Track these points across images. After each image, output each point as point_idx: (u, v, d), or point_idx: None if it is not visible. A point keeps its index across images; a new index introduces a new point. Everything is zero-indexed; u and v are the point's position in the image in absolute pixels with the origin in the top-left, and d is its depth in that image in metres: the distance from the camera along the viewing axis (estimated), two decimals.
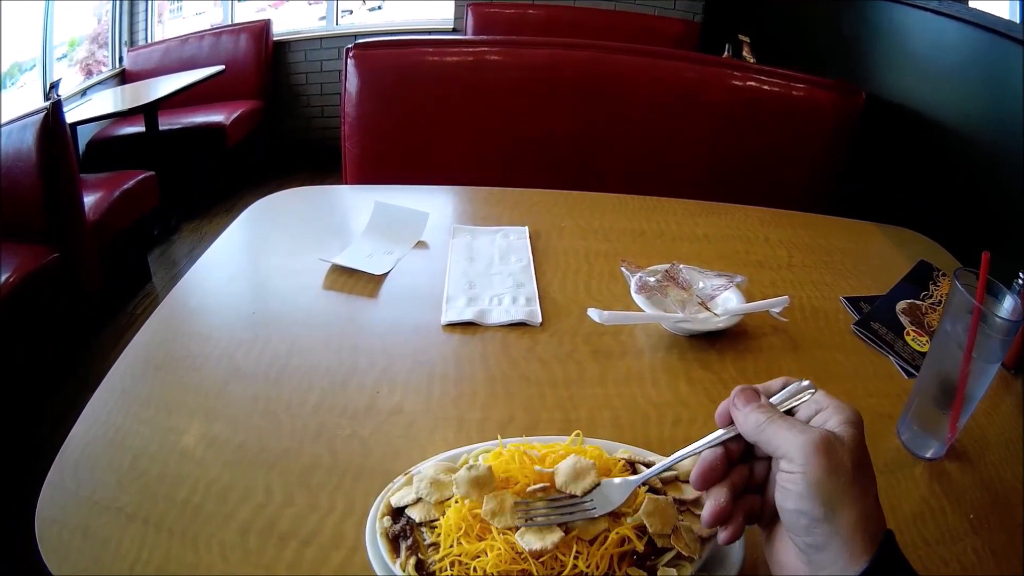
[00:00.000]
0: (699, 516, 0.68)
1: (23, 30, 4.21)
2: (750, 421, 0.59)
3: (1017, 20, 1.45)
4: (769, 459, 0.61)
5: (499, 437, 0.78)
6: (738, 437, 0.61)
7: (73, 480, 0.79)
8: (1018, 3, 1.45)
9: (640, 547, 0.65)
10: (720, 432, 0.62)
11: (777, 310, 1.11)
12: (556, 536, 0.63)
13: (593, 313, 1.02)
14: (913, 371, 1.03)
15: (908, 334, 1.10)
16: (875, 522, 0.53)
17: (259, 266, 1.31)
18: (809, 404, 0.60)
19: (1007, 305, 0.80)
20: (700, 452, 0.62)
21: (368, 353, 1.02)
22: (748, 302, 1.12)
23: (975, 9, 1.60)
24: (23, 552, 0.72)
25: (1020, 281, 0.89)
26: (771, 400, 0.62)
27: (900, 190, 1.83)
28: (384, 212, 1.35)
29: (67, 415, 0.89)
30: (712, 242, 1.38)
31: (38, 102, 4.03)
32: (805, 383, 0.62)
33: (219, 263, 1.30)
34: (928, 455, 0.86)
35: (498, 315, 1.10)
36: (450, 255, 1.28)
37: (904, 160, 1.85)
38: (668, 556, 0.65)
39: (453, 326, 1.09)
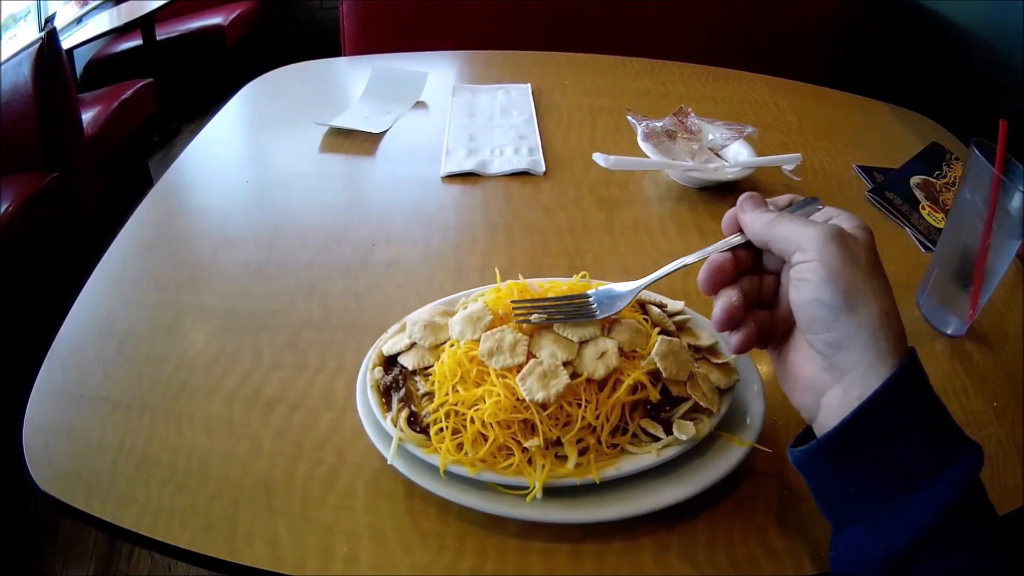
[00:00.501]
0: (716, 365, 0.60)
1: None
2: (759, 221, 0.52)
3: None
4: (778, 274, 0.54)
5: (498, 279, 0.67)
6: (746, 245, 0.53)
7: (61, 379, 0.70)
8: None
9: (655, 395, 0.55)
10: (727, 240, 0.54)
11: (790, 167, 1.01)
12: (561, 382, 0.53)
13: (599, 158, 0.92)
14: (929, 244, 0.92)
15: (923, 208, 1.00)
16: (898, 323, 0.47)
17: (255, 139, 1.20)
18: (817, 216, 0.53)
19: (1016, 203, 0.71)
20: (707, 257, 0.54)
21: (364, 209, 0.93)
22: (759, 156, 1.03)
23: None
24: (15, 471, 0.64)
25: None
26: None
27: (911, 75, 1.71)
28: (382, 75, 1.25)
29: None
30: (719, 103, 1.26)
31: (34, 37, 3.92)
32: (813, 199, 0.53)
33: (214, 140, 1.19)
34: (949, 331, 0.78)
35: (500, 165, 1.01)
36: (450, 112, 1.18)
37: (915, 45, 1.74)
38: (684, 407, 0.56)
39: (453, 177, 0.99)
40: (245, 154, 1.16)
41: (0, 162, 2.50)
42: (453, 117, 1.16)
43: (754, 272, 0.54)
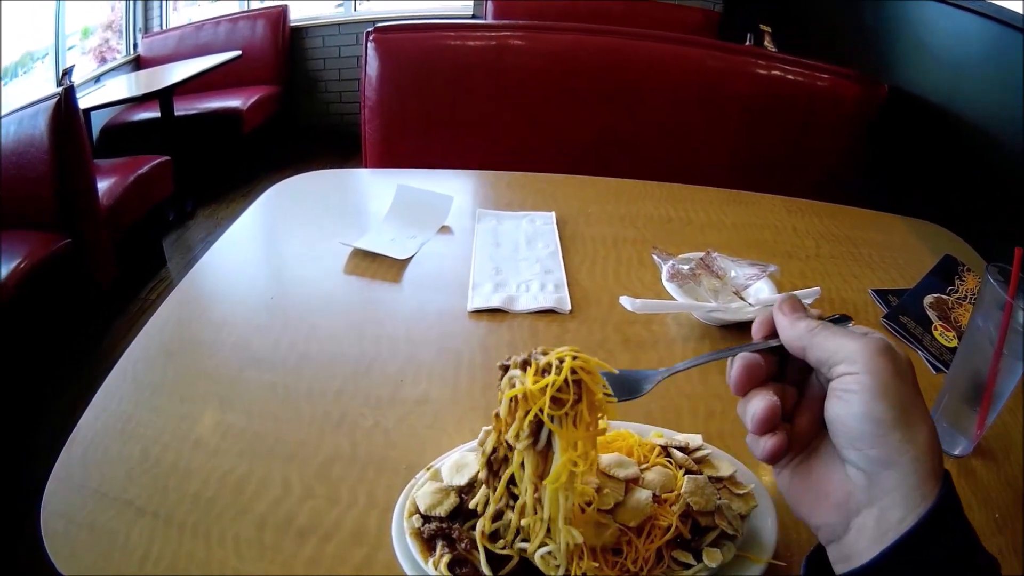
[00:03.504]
0: (736, 494, 0.67)
1: (35, 19, 4.17)
2: (800, 326, 0.53)
3: None
4: (797, 386, 0.56)
5: None
6: (774, 351, 0.55)
7: (81, 472, 0.76)
8: None
9: (687, 533, 0.63)
10: (758, 343, 0.56)
11: (808, 301, 1.07)
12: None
13: (626, 301, 0.98)
14: (941, 366, 0.99)
15: (936, 328, 1.06)
16: (939, 445, 0.48)
17: (277, 250, 1.28)
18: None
19: None
20: (734, 355, 0.56)
21: (391, 340, 0.99)
22: (781, 292, 1.08)
23: (995, 4, 1.56)
24: (29, 549, 0.69)
25: None
26: None
27: (922, 183, 1.79)
28: (407, 195, 1.32)
29: (78, 405, 0.85)
30: (740, 231, 1.34)
31: (51, 89, 4.04)
32: (845, 316, 0.58)
33: (236, 247, 1.26)
34: (956, 452, 0.83)
35: (526, 301, 1.07)
36: (475, 240, 1.24)
37: (926, 153, 1.81)
38: (711, 536, 0.64)
39: (480, 312, 1.05)
40: (268, 266, 1.23)
41: (14, 209, 2.55)
42: (478, 246, 1.22)
43: (775, 381, 0.56)
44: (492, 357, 0.96)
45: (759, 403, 0.52)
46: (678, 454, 0.71)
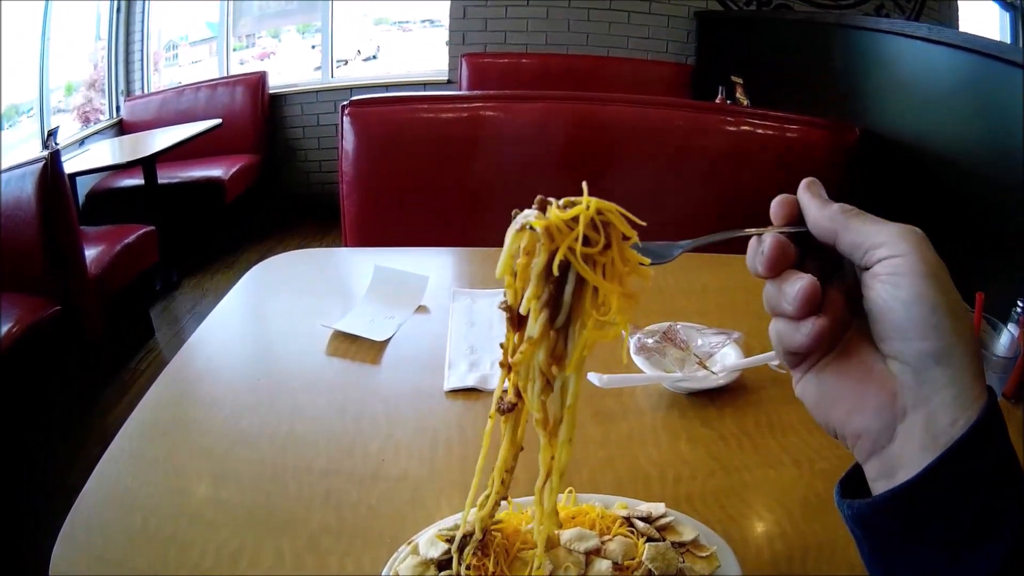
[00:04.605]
0: (700, 557, 0.72)
1: (19, 72, 4.29)
2: (832, 207, 0.48)
3: (1008, 38, 1.47)
4: (821, 279, 0.49)
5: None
6: (796, 239, 0.50)
7: (85, 537, 0.82)
8: (1009, 20, 1.47)
9: None
10: (780, 228, 0.51)
11: (776, 363, 1.13)
12: None
13: (593, 377, 1.04)
14: None
15: None
16: (980, 351, 0.44)
17: (262, 330, 1.35)
18: None
19: (1004, 340, 0.81)
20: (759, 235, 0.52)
21: (372, 419, 1.05)
22: (748, 355, 1.14)
23: (966, 33, 1.61)
24: None
25: (1019, 309, 0.91)
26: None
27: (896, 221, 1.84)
28: (384, 276, 1.37)
29: (70, 468, 0.92)
30: (711, 295, 1.40)
31: (36, 147, 4.20)
32: None
33: (223, 326, 1.33)
34: None
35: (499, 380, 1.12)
36: (451, 319, 1.30)
37: (900, 193, 1.87)
38: None
39: (456, 392, 1.11)
40: (254, 346, 1.31)
41: (2, 270, 2.60)
42: (454, 326, 1.28)
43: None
44: (468, 434, 1.02)
45: (799, 281, 0.47)
46: (640, 524, 0.76)
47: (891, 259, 0.44)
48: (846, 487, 0.50)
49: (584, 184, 0.52)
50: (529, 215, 0.50)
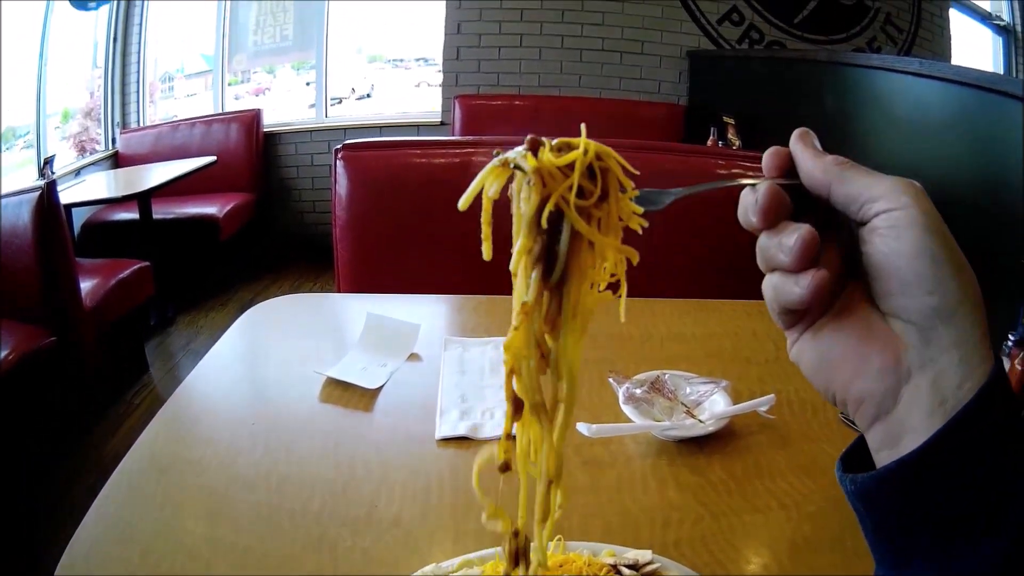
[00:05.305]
0: None
1: (16, 94, 4.35)
2: (826, 158, 0.47)
3: (1001, 62, 1.50)
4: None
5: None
6: (788, 191, 0.48)
7: (84, 569, 0.84)
8: (1002, 44, 1.50)
9: None
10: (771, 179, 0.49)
11: (764, 408, 1.15)
12: None
13: (582, 428, 1.07)
14: None
15: None
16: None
17: (257, 375, 1.37)
18: None
19: None
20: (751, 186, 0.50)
21: (365, 464, 1.07)
22: (736, 402, 1.16)
23: (957, 67, 1.64)
24: None
25: (1010, 343, 0.92)
26: None
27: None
28: (376, 324, 1.39)
29: (63, 499, 0.94)
30: (699, 341, 1.43)
31: (32, 173, 4.29)
32: None
33: (219, 368, 1.36)
34: None
35: (490, 429, 1.14)
36: (442, 368, 1.32)
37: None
38: None
39: (447, 440, 1.13)
40: (249, 389, 1.34)
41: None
42: (445, 374, 1.30)
43: None
44: (460, 481, 1.04)
45: (797, 230, 0.45)
46: (627, 571, 0.78)
47: (890, 212, 0.43)
48: (847, 464, 0.48)
49: (583, 126, 0.49)
50: (518, 152, 0.46)
